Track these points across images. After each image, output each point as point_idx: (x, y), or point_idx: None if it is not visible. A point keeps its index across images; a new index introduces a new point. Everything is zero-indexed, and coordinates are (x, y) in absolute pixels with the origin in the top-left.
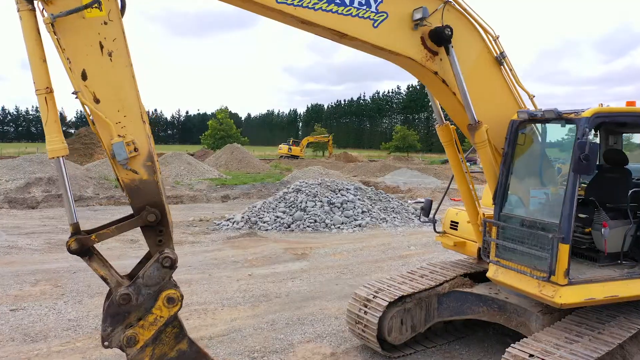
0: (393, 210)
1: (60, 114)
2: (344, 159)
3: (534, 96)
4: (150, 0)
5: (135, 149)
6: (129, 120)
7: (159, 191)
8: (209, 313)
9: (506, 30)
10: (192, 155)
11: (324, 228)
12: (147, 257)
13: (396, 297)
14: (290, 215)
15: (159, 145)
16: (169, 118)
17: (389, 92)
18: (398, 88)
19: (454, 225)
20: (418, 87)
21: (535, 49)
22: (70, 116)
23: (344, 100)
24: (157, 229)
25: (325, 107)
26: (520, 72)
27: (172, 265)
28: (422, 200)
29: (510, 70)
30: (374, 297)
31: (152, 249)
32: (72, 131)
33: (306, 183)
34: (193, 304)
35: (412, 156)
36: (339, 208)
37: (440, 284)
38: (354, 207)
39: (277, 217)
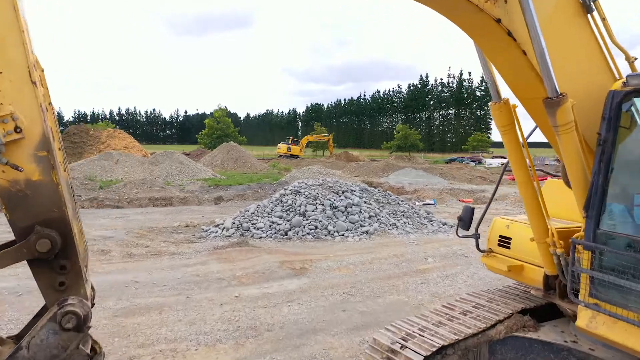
0: (403, 215)
1: (58, 113)
2: (345, 158)
3: (635, 59)
4: (150, 0)
5: (18, 129)
6: (6, 80)
7: (59, 201)
8: (178, 356)
9: None
10: (187, 154)
11: (326, 235)
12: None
13: (434, 349)
14: (288, 220)
15: (157, 145)
16: (167, 118)
17: (389, 91)
18: (399, 87)
19: (505, 242)
20: (419, 85)
21: None
22: (68, 116)
23: (344, 100)
24: (55, 264)
25: (325, 106)
26: None
27: (80, 326)
28: (431, 202)
29: (603, 20)
30: (402, 347)
31: (48, 297)
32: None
33: (305, 184)
34: (159, 342)
35: (414, 156)
36: (342, 212)
37: (493, 326)
38: (360, 212)
39: (273, 223)
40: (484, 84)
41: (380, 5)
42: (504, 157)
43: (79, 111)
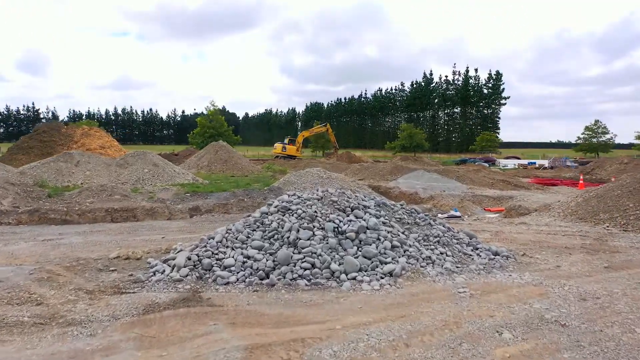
0: (438, 241)
1: (53, 113)
2: (347, 159)
3: None
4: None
5: None
6: None
7: None
8: None
9: (505, 30)
10: (176, 155)
11: (328, 279)
12: None
13: None
14: (271, 254)
15: (153, 146)
16: (164, 118)
17: (391, 89)
18: (402, 85)
19: None
20: (423, 83)
21: (534, 49)
22: (63, 116)
23: (345, 98)
24: None
25: (325, 105)
26: (519, 73)
27: None
28: (457, 214)
29: None
30: None
31: None
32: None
33: (298, 197)
34: None
35: (421, 156)
36: (353, 241)
37: None
38: (378, 239)
39: (248, 258)
40: (491, 81)
41: (381, 5)
42: (519, 158)
43: (74, 111)
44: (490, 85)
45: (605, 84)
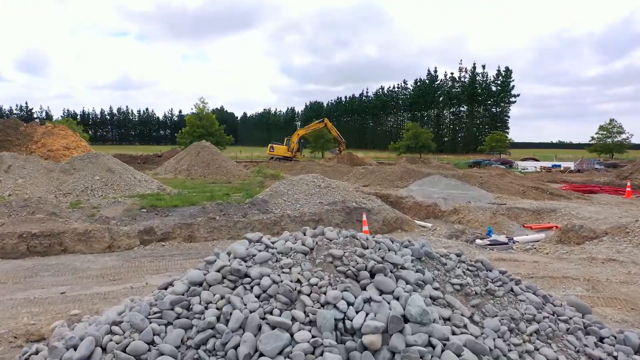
0: (537, 331)
1: (46, 112)
2: (349, 161)
3: None
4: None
5: None
6: None
7: None
8: None
9: (506, 30)
10: (159, 156)
11: None
12: None
13: None
14: None
15: (150, 146)
16: (161, 118)
17: (394, 88)
18: (404, 83)
19: None
20: (427, 81)
21: (534, 49)
22: (57, 115)
23: (345, 97)
24: None
25: (325, 104)
26: (519, 72)
27: None
28: (501, 239)
29: None
30: None
31: None
32: None
33: (266, 247)
34: None
35: (427, 158)
36: (376, 352)
37: None
38: (430, 345)
39: None
40: (500, 78)
41: (381, 5)
42: (537, 159)
43: (68, 110)
44: (499, 82)
45: (605, 84)
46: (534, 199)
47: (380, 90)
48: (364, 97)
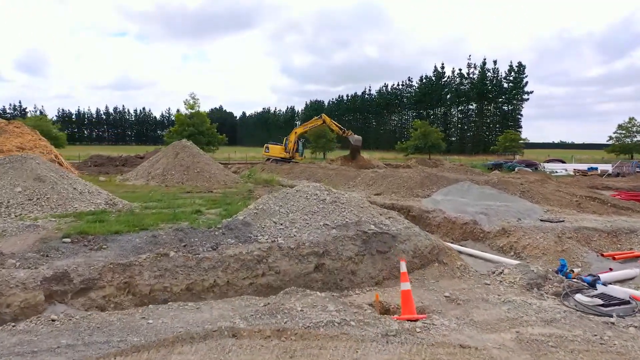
0: None
1: (41, 112)
2: (354, 163)
3: None
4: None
5: None
6: None
7: None
8: None
9: (506, 30)
10: (141, 158)
11: None
12: None
13: None
14: None
15: (147, 146)
16: (158, 117)
17: (398, 85)
18: (409, 80)
19: None
20: (433, 78)
21: (534, 49)
22: (52, 114)
23: (347, 96)
24: None
25: (326, 103)
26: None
27: None
28: (614, 293)
29: None
30: None
31: None
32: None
33: None
34: None
35: (438, 159)
36: None
37: None
38: None
39: None
40: (512, 74)
41: (381, 5)
42: (563, 161)
43: (63, 110)
44: (511, 78)
45: (606, 84)
46: (596, 213)
47: (384, 88)
48: (366, 96)
